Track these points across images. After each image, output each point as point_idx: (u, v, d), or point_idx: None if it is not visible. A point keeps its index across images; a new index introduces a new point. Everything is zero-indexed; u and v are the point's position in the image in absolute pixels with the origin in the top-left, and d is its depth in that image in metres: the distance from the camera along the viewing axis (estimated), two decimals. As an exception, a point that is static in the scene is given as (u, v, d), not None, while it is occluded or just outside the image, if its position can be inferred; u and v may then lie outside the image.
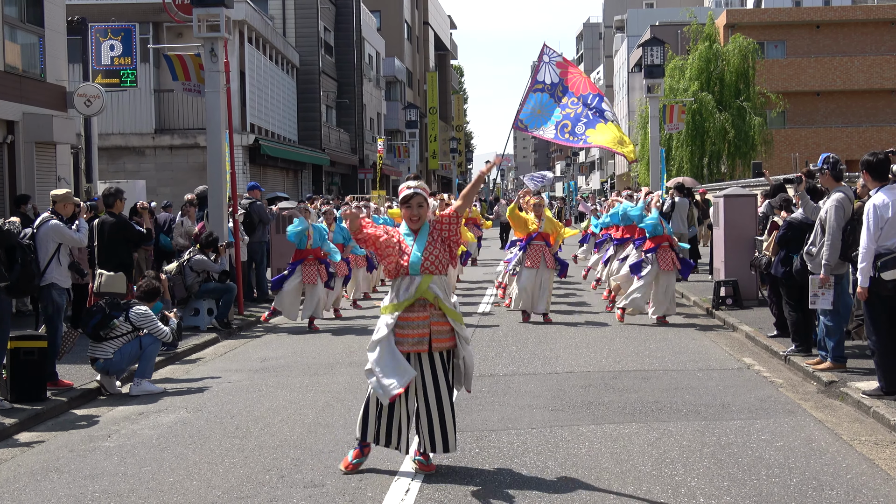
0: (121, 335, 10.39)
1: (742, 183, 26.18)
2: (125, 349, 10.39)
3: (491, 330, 14.43)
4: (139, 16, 29.73)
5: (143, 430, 8.70)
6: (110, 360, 10.32)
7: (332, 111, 48.69)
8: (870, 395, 8.90)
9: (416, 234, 7.04)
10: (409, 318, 6.89)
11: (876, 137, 51.11)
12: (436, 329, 6.90)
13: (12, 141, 18.20)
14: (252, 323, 15.86)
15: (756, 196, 16.55)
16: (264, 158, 34.21)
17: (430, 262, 6.91)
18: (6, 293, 9.26)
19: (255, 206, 18.34)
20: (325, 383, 10.54)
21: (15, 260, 9.55)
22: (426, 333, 6.87)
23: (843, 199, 9.72)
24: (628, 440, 7.84)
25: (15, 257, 9.55)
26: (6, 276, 9.22)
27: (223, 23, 16.29)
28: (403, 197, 7.06)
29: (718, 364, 11.39)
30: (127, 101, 31.00)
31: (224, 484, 6.87)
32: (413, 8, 71.67)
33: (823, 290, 9.85)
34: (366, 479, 6.88)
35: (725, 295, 15.83)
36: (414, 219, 7.03)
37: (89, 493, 6.77)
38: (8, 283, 9.23)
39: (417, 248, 6.94)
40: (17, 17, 18.58)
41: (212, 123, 16.63)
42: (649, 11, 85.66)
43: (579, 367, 11.21)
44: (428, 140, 74.78)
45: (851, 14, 56.36)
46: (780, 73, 53.21)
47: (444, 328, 6.93)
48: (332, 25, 48.38)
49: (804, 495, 6.36)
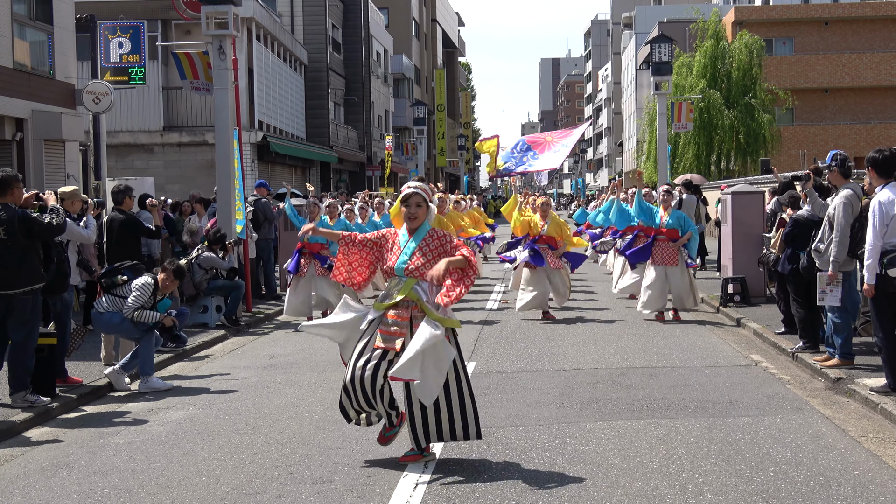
0: (118, 296, 10.51)
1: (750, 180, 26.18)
2: (108, 315, 10.47)
3: (498, 326, 14.44)
4: (148, 13, 29.74)
5: (152, 426, 8.74)
6: (98, 315, 10.53)
7: (341, 108, 48.73)
8: (877, 392, 8.90)
9: (411, 234, 7.09)
10: (394, 317, 7.00)
11: (885, 134, 50.96)
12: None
13: (21, 138, 18.28)
14: (260, 320, 15.91)
15: (764, 193, 16.54)
16: (272, 156, 34.27)
17: (414, 266, 6.97)
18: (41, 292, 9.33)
19: (261, 204, 18.37)
20: (333, 380, 10.56)
21: (51, 259, 9.60)
22: (405, 333, 6.93)
23: (851, 196, 9.71)
24: (636, 437, 7.85)
25: (51, 256, 9.61)
26: (44, 276, 9.27)
27: (231, 20, 16.31)
28: (403, 196, 7.14)
29: (726, 361, 11.39)
30: (135, 98, 31.07)
31: (233, 480, 6.91)
32: (421, 5, 71.66)
33: (832, 286, 9.85)
34: (374, 475, 6.91)
35: (733, 292, 15.82)
36: (412, 218, 7.07)
37: (99, 489, 6.81)
38: (44, 283, 9.29)
39: (407, 251, 7.02)
40: (26, 14, 18.65)
41: (220, 121, 16.67)
42: (657, 8, 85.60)
43: (587, 364, 11.22)
44: (436, 137, 74.75)
45: (860, 11, 56.20)
46: (788, 70, 53.10)
47: None
48: (340, 23, 48.41)
49: (811, 492, 6.37)
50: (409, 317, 6.96)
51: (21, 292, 8.99)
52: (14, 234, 8.86)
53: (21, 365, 9.12)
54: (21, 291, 8.99)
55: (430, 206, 7.18)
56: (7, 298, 8.95)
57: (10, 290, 8.94)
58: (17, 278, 8.96)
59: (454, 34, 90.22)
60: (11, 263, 8.90)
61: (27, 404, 9.06)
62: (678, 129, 30.04)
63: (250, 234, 17.17)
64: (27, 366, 9.16)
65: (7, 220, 8.84)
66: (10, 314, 9.03)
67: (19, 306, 9.02)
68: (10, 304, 8.98)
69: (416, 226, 7.08)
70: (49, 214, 9.30)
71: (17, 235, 8.89)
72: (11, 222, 8.86)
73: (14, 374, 9.15)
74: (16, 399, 9.12)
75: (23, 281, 8.99)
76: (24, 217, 9.05)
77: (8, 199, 8.97)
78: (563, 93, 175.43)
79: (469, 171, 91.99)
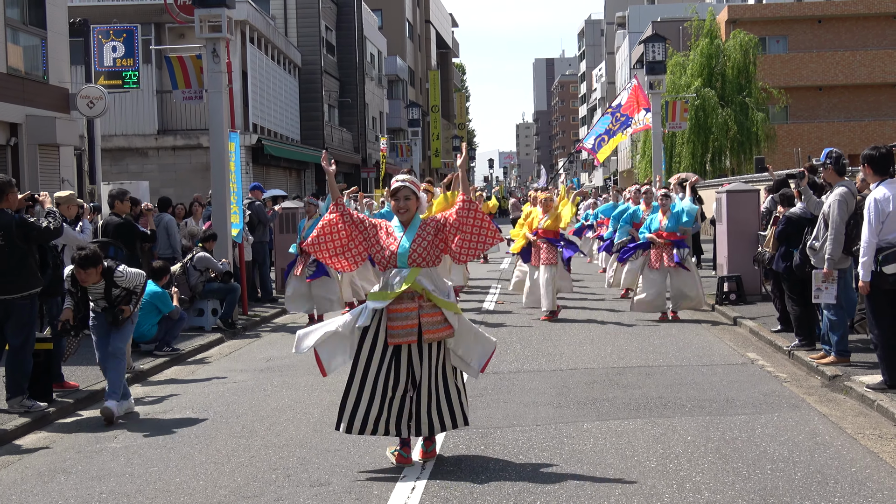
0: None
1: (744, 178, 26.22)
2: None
3: (495, 328, 14.44)
4: (141, 17, 29.75)
5: (149, 430, 8.72)
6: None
7: (335, 110, 48.71)
8: (874, 389, 8.92)
9: (405, 226, 7.10)
10: (399, 310, 6.94)
11: (879, 131, 51.03)
12: (426, 321, 6.94)
13: (16, 143, 18.25)
14: (257, 323, 15.90)
15: (759, 191, 16.56)
16: (267, 158, 34.26)
17: (417, 253, 6.96)
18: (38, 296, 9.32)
19: (255, 207, 18.37)
20: (330, 382, 10.51)
21: (47, 263, 9.59)
22: (415, 324, 6.91)
23: (846, 194, 9.73)
24: (633, 436, 7.86)
25: (47, 260, 9.59)
26: (41, 280, 9.27)
27: (225, 23, 16.29)
28: (392, 189, 7.15)
29: (722, 359, 11.40)
30: (129, 102, 31.03)
31: (230, 483, 6.90)
32: (414, 6, 71.69)
33: (827, 284, 9.86)
34: (372, 478, 6.90)
35: (729, 290, 15.83)
36: (402, 211, 7.08)
37: (96, 493, 6.80)
38: (41, 287, 9.28)
39: (406, 240, 7.00)
40: (19, 19, 18.62)
41: (214, 124, 16.65)
42: (650, 8, 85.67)
43: (583, 364, 11.23)
44: (430, 138, 74.84)
45: (853, 8, 56.26)
46: (781, 69, 53.15)
47: (436, 318, 6.97)
48: (333, 25, 48.39)
49: (809, 489, 6.38)
50: (417, 307, 6.94)
51: (19, 297, 9.00)
52: (11, 239, 8.86)
53: (19, 369, 9.11)
54: (19, 296, 8.99)
55: (419, 197, 7.18)
56: (5, 303, 8.95)
57: (9, 295, 8.94)
58: (14, 283, 8.96)
59: (448, 35, 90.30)
60: (9, 268, 8.90)
61: (24, 409, 9.05)
62: (672, 129, 29.98)
63: (246, 236, 17.17)
64: (25, 370, 9.16)
65: (3, 226, 8.83)
66: (9, 319, 9.03)
67: (17, 311, 9.02)
68: (9, 308, 8.98)
69: (408, 218, 7.09)
70: (46, 219, 9.29)
71: (14, 240, 8.88)
72: (8, 227, 8.86)
73: (11, 378, 9.14)
74: (12, 404, 9.10)
75: (20, 285, 8.99)
76: (21, 222, 9.04)
77: (3, 205, 8.97)
78: (557, 93, 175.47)
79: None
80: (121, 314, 9.24)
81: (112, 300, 9.22)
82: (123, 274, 9.24)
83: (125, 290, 9.25)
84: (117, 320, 9.25)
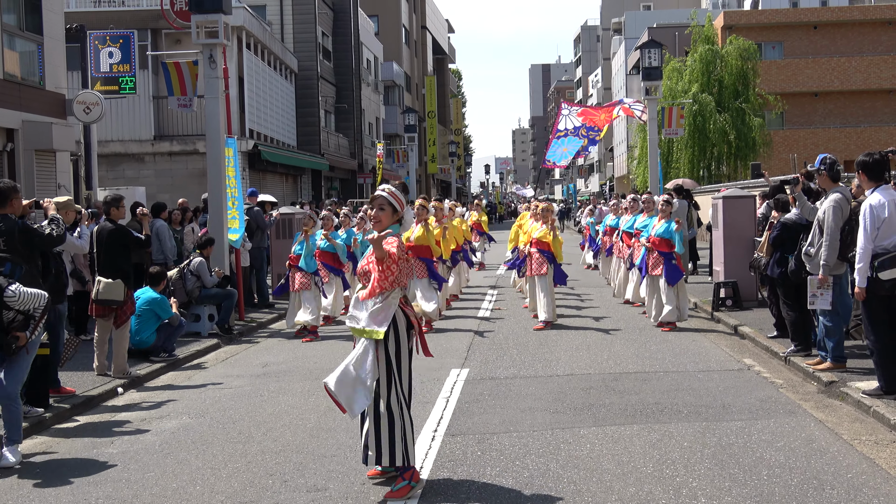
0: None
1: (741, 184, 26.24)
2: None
3: (491, 334, 14.45)
4: (138, 23, 29.77)
5: (145, 436, 8.73)
6: None
7: (331, 116, 48.72)
8: (870, 395, 8.93)
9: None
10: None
11: (874, 137, 51.19)
12: None
13: (12, 149, 18.23)
14: (253, 328, 15.89)
15: (755, 197, 16.58)
16: (264, 164, 34.25)
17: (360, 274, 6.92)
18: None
19: (253, 213, 18.36)
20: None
21: (49, 270, 9.57)
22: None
23: (840, 200, 9.75)
24: (629, 442, 7.86)
25: (49, 267, 9.57)
26: (42, 286, 9.24)
27: (221, 29, 16.32)
28: (371, 196, 7.09)
29: (719, 365, 11.41)
30: (126, 107, 31.04)
31: (227, 489, 6.90)
32: (411, 12, 71.75)
33: (822, 290, 9.88)
34: (368, 483, 6.90)
35: (725, 296, 15.85)
36: (374, 221, 6.90)
37: (93, 499, 6.80)
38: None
39: (363, 258, 6.97)
40: (15, 24, 18.61)
41: (211, 129, 16.66)
42: (647, 14, 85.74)
43: (580, 370, 11.23)
44: (427, 144, 74.85)
45: (849, 14, 56.45)
46: (778, 75, 53.28)
47: None
48: (330, 31, 48.42)
49: (805, 495, 6.39)
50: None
51: None
52: (14, 245, 8.84)
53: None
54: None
55: (396, 210, 6.87)
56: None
57: None
58: None
59: (444, 41, 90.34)
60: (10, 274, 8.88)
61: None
62: (669, 135, 30.02)
63: (245, 242, 17.16)
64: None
65: (6, 231, 8.82)
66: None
67: None
68: None
69: (379, 230, 6.79)
70: (49, 225, 9.28)
71: (17, 246, 8.87)
72: (11, 233, 8.84)
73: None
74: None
75: None
76: (24, 228, 9.03)
77: (7, 210, 8.95)
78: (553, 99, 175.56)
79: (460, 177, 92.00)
80: (14, 342, 7.87)
81: (3, 326, 7.86)
82: (16, 294, 7.86)
83: (20, 314, 7.93)
84: (10, 349, 7.88)
